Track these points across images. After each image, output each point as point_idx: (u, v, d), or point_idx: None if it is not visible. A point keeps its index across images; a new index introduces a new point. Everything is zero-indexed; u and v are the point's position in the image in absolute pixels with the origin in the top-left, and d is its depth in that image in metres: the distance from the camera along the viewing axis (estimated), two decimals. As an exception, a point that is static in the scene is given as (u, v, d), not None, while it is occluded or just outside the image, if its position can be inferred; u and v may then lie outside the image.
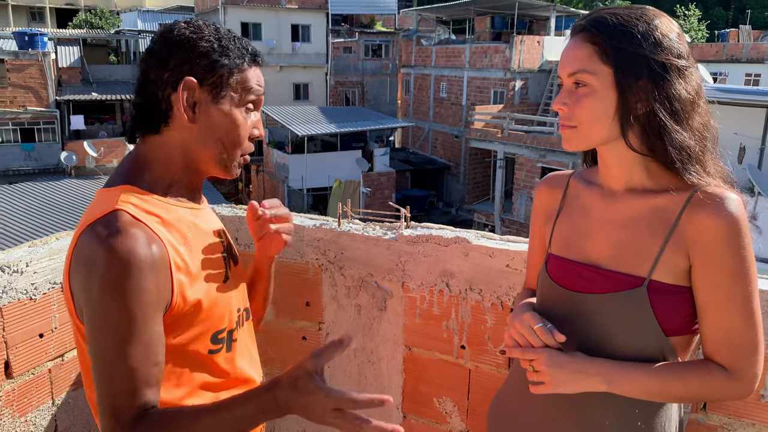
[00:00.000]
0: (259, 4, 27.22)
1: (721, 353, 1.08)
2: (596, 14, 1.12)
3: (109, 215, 1.02)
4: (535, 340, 1.14)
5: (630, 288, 1.10)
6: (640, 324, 1.10)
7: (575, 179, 1.29)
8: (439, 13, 28.76)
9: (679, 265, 1.08)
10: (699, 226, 1.06)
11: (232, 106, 1.12)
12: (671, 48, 1.06)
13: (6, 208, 14.58)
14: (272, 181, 23.41)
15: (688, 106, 1.07)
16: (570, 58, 1.11)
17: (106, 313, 0.98)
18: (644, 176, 1.14)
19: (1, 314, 1.67)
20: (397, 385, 2.02)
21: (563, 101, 1.12)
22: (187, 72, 1.08)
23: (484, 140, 20.68)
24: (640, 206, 1.13)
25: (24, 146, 23.88)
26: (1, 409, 1.70)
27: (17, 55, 23.12)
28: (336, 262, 2.01)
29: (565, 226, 1.25)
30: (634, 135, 1.10)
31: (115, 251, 0.97)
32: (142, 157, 1.13)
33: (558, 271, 1.22)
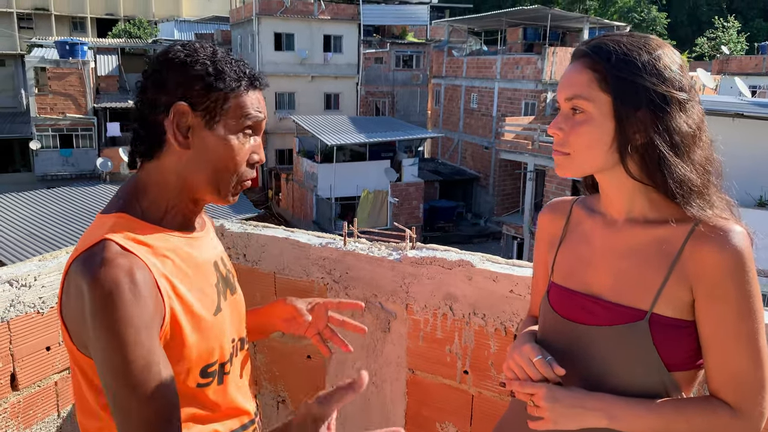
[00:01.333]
0: (292, 14, 27.56)
1: (727, 391, 1.04)
2: (599, 40, 1.09)
3: (97, 245, 1.01)
4: (533, 372, 1.11)
5: (631, 321, 1.07)
6: (642, 358, 1.07)
7: (578, 206, 1.26)
8: (471, 24, 28.74)
9: (682, 299, 1.05)
10: (702, 260, 1.03)
11: (228, 132, 1.09)
12: (673, 80, 1.04)
13: (45, 212, 15.01)
14: (301, 190, 23.60)
15: (689, 139, 1.05)
16: (569, 83, 1.09)
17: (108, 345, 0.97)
18: (646, 206, 1.11)
19: (9, 327, 1.70)
20: (400, 408, 1.99)
21: (559, 126, 1.10)
22: (180, 96, 1.06)
23: (515, 152, 20.51)
24: (642, 237, 1.10)
25: (62, 152, 24.59)
26: (6, 420, 1.73)
27: (58, 64, 23.87)
28: (341, 281, 2.00)
29: (567, 254, 1.22)
30: (634, 164, 1.07)
31: (99, 282, 0.96)
32: (140, 183, 1.12)
33: (560, 301, 1.20)
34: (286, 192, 25.52)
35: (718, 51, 34.29)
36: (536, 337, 1.23)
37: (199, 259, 1.14)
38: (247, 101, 1.11)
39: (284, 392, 2.21)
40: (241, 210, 17.29)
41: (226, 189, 1.13)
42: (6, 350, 1.70)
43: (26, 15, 38.93)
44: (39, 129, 24.07)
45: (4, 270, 1.75)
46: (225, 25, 33.88)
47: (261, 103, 1.14)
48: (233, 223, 2.28)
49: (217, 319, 1.14)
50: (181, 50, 1.09)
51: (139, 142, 1.11)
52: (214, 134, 1.08)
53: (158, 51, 1.13)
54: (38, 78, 24.42)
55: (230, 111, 1.09)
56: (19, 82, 35.25)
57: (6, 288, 1.69)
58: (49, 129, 24.22)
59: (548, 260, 1.28)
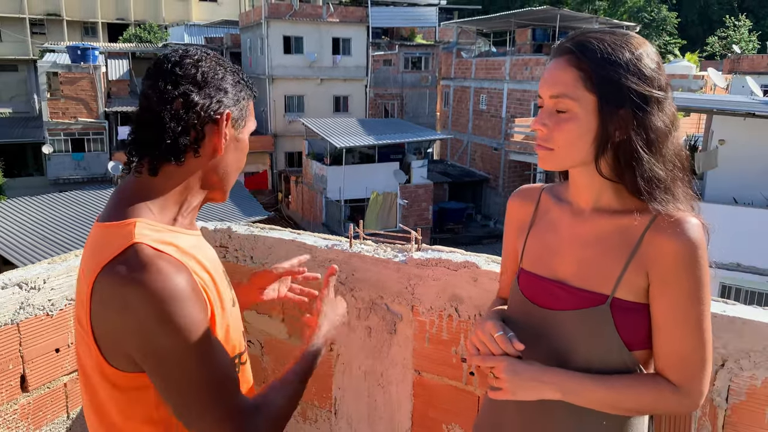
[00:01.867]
0: (301, 18, 27.66)
1: (672, 370, 1.11)
2: (582, 38, 1.12)
3: (127, 251, 1.00)
4: (494, 347, 1.17)
5: (594, 305, 1.14)
6: (604, 339, 1.13)
7: (546, 193, 1.31)
8: (479, 26, 28.70)
9: (640, 285, 1.12)
10: (659, 248, 1.09)
11: (245, 135, 1.19)
12: (653, 79, 1.08)
13: (57, 215, 15.14)
14: (311, 192, 23.65)
15: (663, 136, 1.10)
16: (553, 80, 1.12)
17: (172, 350, 0.98)
18: (613, 198, 1.16)
19: (18, 329, 1.72)
20: (406, 409, 1.99)
21: (543, 122, 1.13)
22: (222, 103, 1.11)
23: (524, 153, 20.48)
24: (607, 226, 1.16)
25: (74, 156, 24.82)
26: (16, 421, 1.75)
27: (70, 68, 24.10)
28: (347, 283, 2.01)
29: (535, 241, 1.28)
30: (606, 162, 1.12)
31: (150, 289, 0.96)
32: (151, 187, 1.09)
33: (528, 286, 1.25)
34: (295, 194, 25.59)
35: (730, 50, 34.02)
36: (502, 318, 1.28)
37: (211, 255, 1.18)
38: (252, 109, 1.21)
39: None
40: (251, 212, 17.37)
41: (231, 187, 1.21)
42: (16, 352, 1.72)
43: (38, 20, 39.32)
44: (51, 133, 24.31)
45: (14, 273, 1.77)
46: (234, 29, 34.04)
47: None
48: (240, 225, 2.29)
49: (234, 309, 1.19)
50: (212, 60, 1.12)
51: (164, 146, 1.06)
52: (239, 138, 1.17)
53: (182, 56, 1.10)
54: (50, 83, 24.69)
55: (248, 116, 1.19)
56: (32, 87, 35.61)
57: (16, 291, 1.71)
58: (61, 133, 24.46)
59: (517, 246, 1.33)
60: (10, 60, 38.08)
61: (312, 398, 2.18)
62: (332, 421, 2.15)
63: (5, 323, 1.68)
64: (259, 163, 27.96)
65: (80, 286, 1.07)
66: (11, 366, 1.71)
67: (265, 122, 28.44)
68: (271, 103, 28.01)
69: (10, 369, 1.71)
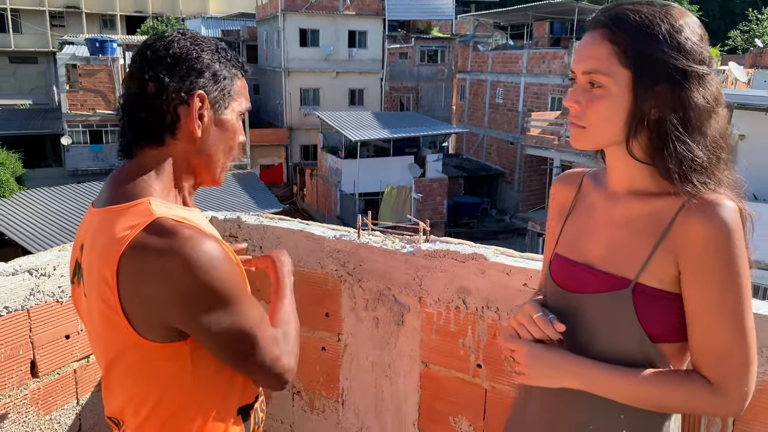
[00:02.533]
0: (317, 10, 27.65)
1: (705, 365, 1.04)
2: (618, 9, 1.05)
3: (151, 225, 1.01)
4: (534, 329, 1.13)
5: (616, 289, 1.08)
6: (624, 326, 1.08)
7: (588, 178, 1.26)
8: (496, 19, 28.49)
9: (668, 271, 1.05)
10: (688, 232, 1.02)
11: (231, 116, 1.16)
12: (693, 53, 1.01)
13: (75, 206, 15.33)
14: (325, 185, 23.70)
15: (704, 114, 1.02)
16: (586, 55, 1.06)
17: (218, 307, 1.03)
18: (648, 180, 1.10)
19: (29, 316, 1.74)
20: (413, 401, 1.98)
21: (576, 99, 1.08)
22: (195, 84, 1.09)
23: (540, 147, 20.31)
24: (639, 209, 1.10)
25: (92, 147, 25.06)
26: (26, 407, 1.77)
27: (89, 61, 24.29)
28: (355, 273, 2.00)
29: (571, 225, 1.24)
30: (638, 142, 1.06)
31: (186, 256, 0.99)
32: (146, 169, 1.11)
33: (559, 271, 1.22)
34: (310, 187, 25.66)
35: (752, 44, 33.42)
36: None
37: (216, 232, 1.18)
38: (242, 88, 1.19)
39: (299, 384, 2.22)
40: (266, 205, 17.44)
41: (223, 170, 1.20)
42: (26, 338, 1.74)
43: (58, 13, 39.72)
44: (70, 125, 24.56)
45: (24, 260, 1.78)
46: (251, 22, 34.11)
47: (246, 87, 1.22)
48: (250, 215, 2.29)
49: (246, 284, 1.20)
50: (185, 39, 1.12)
51: (145, 130, 1.10)
52: (221, 119, 1.15)
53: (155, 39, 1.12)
54: (69, 75, 24.91)
55: (233, 96, 1.16)
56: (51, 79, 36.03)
57: (26, 277, 1.73)
58: (80, 125, 24.69)
59: (556, 231, 1.29)
60: (30, 52, 38.55)
61: (319, 388, 2.18)
62: (339, 411, 2.16)
63: (15, 309, 1.70)
64: (274, 156, 28.07)
65: (98, 269, 1.04)
66: (21, 352, 1.73)
67: (281, 115, 28.52)
68: (286, 95, 28.06)
69: (20, 354, 1.73)
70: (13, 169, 17.94)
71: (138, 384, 1.09)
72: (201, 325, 1.03)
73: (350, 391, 2.11)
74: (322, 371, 2.15)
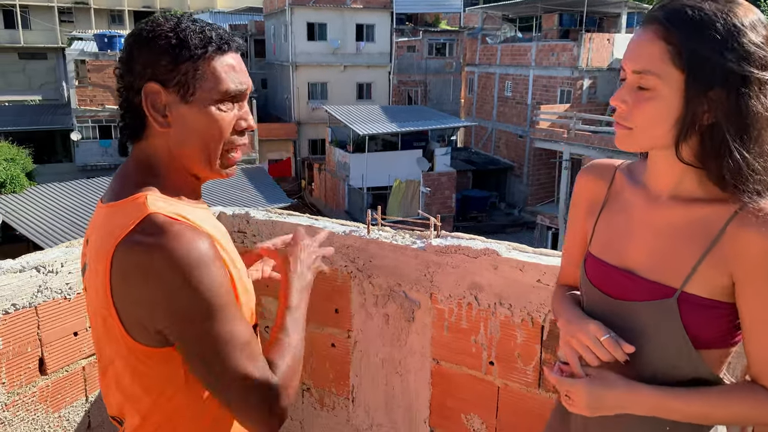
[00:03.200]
0: (325, 4, 27.55)
1: (766, 376, 1.01)
2: (675, 4, 0.97)
3: (144, 221, 0.98)
4: (603, 353, 1.07)
5: (660, 298, 1.04)
6: (671, 335, 1.04)
7: (621, 172, 1.19)
8: (505, 11, 28.30)
9: (718, 282, 1.01)
10: (744, 242, 0.97)
11: (205, 103, 1.05)
12: (756, 57, 0.93)
13: (85, 201, 15.39)
14: (333, 180, 23.68)
15: (762, 123, 0.95)
16: (637, 53, 1.00)
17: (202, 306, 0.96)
18: (695, 185, 1.04)
19: (37, 313, 1.73)
20: (424, 398, 1.96)
21: (623, 99, 1.02)
22: (149, 76, 1.03)
23: (550, 140, 20.18)
24: (684, 215, 1.05)
25: (102, 143, 25.15)
26: (35, 404, 1.76)
27: (97, 56, 24.34)
28: (365, 270, 1.98)
29: (606, 224, 1.17)
30: (689, 146, 1.00)
31: (174, 253, 0.94)
32: (143, 164, 1.09)
33: (596, 273, 1.16)
34: (318, 182, 25.66)
35: (764, 35, 33.03)
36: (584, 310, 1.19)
37: (222, 229, 1.15)
38: (218, 68, 1.05)
39: (309, 380, 2.20)
40: (274, 200, 17.44)
41: (215, 160, 1.09)
42: (34, 335, 1.73)
43: (66, 9, 39.81)
44: (79, 120, 24.65)
45: (32, 256, 1.77)
46: (259, 16, 34.07)
47: (237, 67, 1.08)
48: (258, 210, 2.27)
49: (249, 281, 1.17)
50: (145, 28, 1.06)
51: (125, 127, 1.10)
52: (191, 108, 1.05)
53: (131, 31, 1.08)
54: (78, 70, 24.98)
55: (204, 81, 1.04)
56: (61, 75, 36.16)
57: (33, 274, 1.71)
58: (89, 120, 24.78)
59: (587, 227, 1.23)
60: (39, 48, 38.68)
61: (329, 385, 2.16)
62: (350, 408, 2.13)
63: (23, 306, 1.69)
64: (282, 151, 28.07)
65: (95, 266, 1.04)
66: (29, 349, 1.72)
67: (289, 109, 28.51)
68: (294, 90, 28.03)
69: (28, 352, 1.72)
70: (23, 165, 18.03)
71: (133, 386, 1.07)
72: (177, 329, 0.99)
73: (360, 388, 2.09)
74: (331, 368, 2.13)
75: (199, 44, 1.03)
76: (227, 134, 1.09)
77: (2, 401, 1.67)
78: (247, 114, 1.11)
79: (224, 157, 1.10)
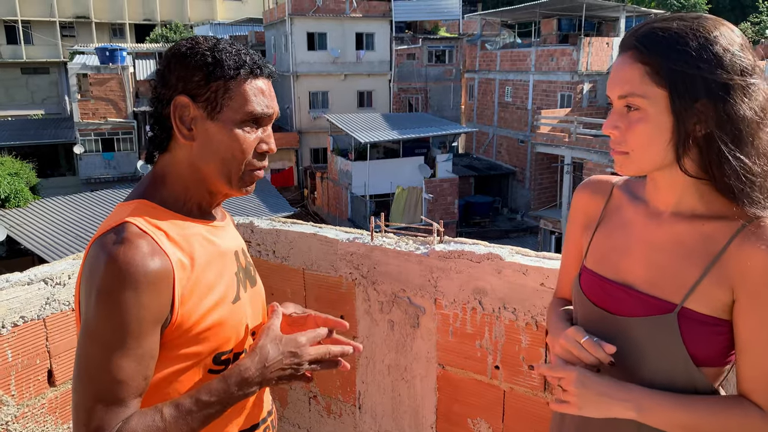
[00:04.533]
0: (324, 14, 27.69)
1: (758, 393, 1.01)
2: (646, 29, 1.02)
3: (118, 227, 1.03)
4: (584, 354, 1.07)
5: (660, 313, 1.04)
6: (669, 351, 1.04)
7: (620, 189, 1.21)
8: (503, 17, 28.38)
9: (719, 298, 1.01)
10: (747, 259, 0.98)
11: (231, 122, 1.08)
12: (733, 65, 0.96)
13: (90, 214, 15.45)
14: (336, 188, 23.71)
15: (753, 126, 0.97)
16: (619, 79, 1.03)
17: (101, 322, 0.98)
18: (695, 200, 1.05)
19: (45, 325, 1.74)
20: (430, 403, 1.97)
21: (615, 125, 1.04)
22: (181, 89, 1.08)
23: (551, 145, 20.20)
24: (686, 231, 1.05)
25: (105, 155, 25.28)
26: (44, 416, 1.78)
27: (99, 70, 24.51)
28: (369, 276, 1.99)
29: (603, 239, 1.18)
30: (690, 159, 1.01)
31: (115, 261, 0.97)
32: (157, 175, 1.14)
33: (591, 287, 1.17)
34: (321, 190, 25.69)
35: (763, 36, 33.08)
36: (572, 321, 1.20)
37: (221, 248, 1.16)
38: (248, 91, 1.09)
39: (315, 388, 2.21)
40: (277, 209, 17.48)
41: (236, 178, 1.12)
42: (43, 347, 1.75)
43: (68, 23, 40.09)
44: (82, 134, 24.79)
45: (39, 269, 1.79)
46: (259, 27, 34.23)
47: (266, 92, 1.12)
48: (263, 219, 2.29)
49: (235, 307, 1.15)
50: (184, 44, 1.11)
51: (153, 137, 1.14)
52: (216, 125, 1.08)
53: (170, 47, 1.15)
54: (80, 84, 25.15)
55: (232, 101, 1.08)
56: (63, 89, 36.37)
57: (41, 286, 1.73)
58: (92, 133, 24.92)
59: (582, 242, 1.24)
60: (41, 63, 38.94)
61: (336, 392, 2.17)
62: (357, 415, 2.14)
63: (32, 318, 1.70)
64: (284, 160, 28.13)
65: None
66: (38, 361, 1.74)
67: (290, 119, 28.60)
68: (295, 99, 28.13)
69: (37, 364, 1.73)
70: (27, 179, 18.10)
71: None
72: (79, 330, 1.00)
73: (367, 395, 2.10)
74: (338, 375, 2.14)
75: (233, 65, 1.08)
76: (248, 155, 1.12)
77: (12, 413, 1.68)
78: (269, 138, 1.15)
79: (245, 176, 1.13)
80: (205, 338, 1.08)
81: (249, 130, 1.11)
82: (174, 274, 1.03)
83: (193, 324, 1.06)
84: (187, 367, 1.08)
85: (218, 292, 1.11)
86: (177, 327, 1.05)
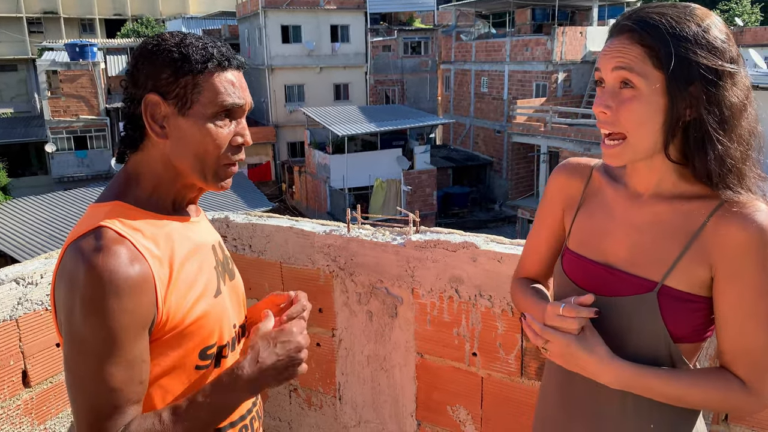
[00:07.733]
0: (298, 6, 27.47)
1: (738, 366, 1.05)
2: (642, 14, 1.03)
3: (93, 231, 1.02)
4: (570, 322, 1.07)
5: (641, 292, 1.07)
6: (650, 329, 1.07)
7: (598, 172, 1.22)
8: (478, 8, 28.45)
9: (698, 275, 1.04)
10: (724, 237, 1.01)
11: (202, 117, 1.08)
12: (724, 52, 1.00)
13: (63, 214, 15.19)
14: (314, 182, 23.63)
15: (737, 112, 1.01)
16: (618, 53, 1.03)
17: (87, 332, 0.97)
18: (675, 183, 1.08)
19: (18, 325, 1.72)
20: (410, 392, 1.98)
21: (606, 104, 1.04)
22: (150, 88, 1.07)
23: (527, 134, 20.36)
24: (665, 211, 1.09)
25: (78, 153, 24.87)
26: (20, 417, 1.75)
27: (69, 66, 24.05)
28: (346, 268, 2.00)
29: (585, 221, 1.20)
30: (674, 145, 1.04)
31: (96, 270, 0.97)
32: (130, 174, 1.13)
33: (574, 269, 1.18)
34: (299, 184, 25.57)
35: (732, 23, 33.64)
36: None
37: (198, 242, 1.16)
38: (218, 83, 1.08)
39: (295, 381, 2.22)
40: (255, 204, 17.36)
41: (211, 174, 1.12)
42: (16, 348, 1.72)
43: (36, 19, 39.24)
44: (53, 132, 24.33)
45: (11, 269, 1.76)
46: (232, 20, 33.86)
47: (236, 83, 1.11)
48: (238, 214, 2.27)
49: (217, 301, 1.15)
50: (150, 42, 1.10)
51: (126, 136, 1.13)
52: (188, 121, 1.08)
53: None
54: (50, 81, 24.66)
55: (202, 95, 1.07)
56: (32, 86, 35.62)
57: (13, 286, 1.70)
58: (64, 131, 24.47)
59: (564, 223, 1.26)
60: (9, 60, 38.06)
61: (316, 384, 2.17)
62: (337, 406, 2.15)
63: (3, 319, 1.68)
64: (261, 155, 27.93)
65: None
66: (12, 362, 1.71)
67: (266, 113, 28.38)
68: (271, 93, 27.92)
69: (11, 365, 1.71)
70: (-3, 179, 17.75)
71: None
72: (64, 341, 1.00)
73: (347, 386, 2.11)
74: (317, 367, 2.15)
75: (200, 59, 1.06)
76: (222, 149, 1.10)
77: (-14, 415, 1.66)
78: (244, 130, 1.13)
79: (220, 171, 1.12)
80: (191, 333, 1.09)
81: (222, 124, 1.10)
82: (153, 274, 1.02)
83: (179, 321, 1.06)
84: (175, 364, 1.08)
85: (200, 287, 1.12)
86: (163, 325, 1.04)
